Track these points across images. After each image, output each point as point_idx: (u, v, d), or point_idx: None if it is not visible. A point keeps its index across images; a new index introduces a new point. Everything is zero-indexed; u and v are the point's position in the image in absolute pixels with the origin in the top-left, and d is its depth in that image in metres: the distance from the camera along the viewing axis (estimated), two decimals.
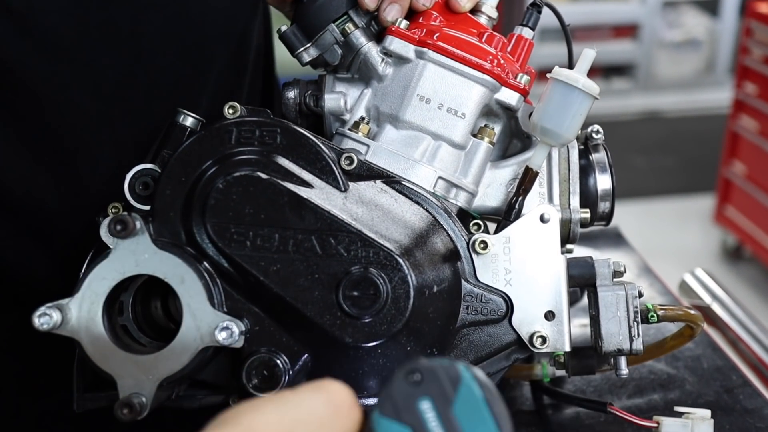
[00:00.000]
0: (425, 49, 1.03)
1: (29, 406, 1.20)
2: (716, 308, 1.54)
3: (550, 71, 1.01)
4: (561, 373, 1.13)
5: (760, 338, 1.47)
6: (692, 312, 1.07)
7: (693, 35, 6.17)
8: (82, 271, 0.95)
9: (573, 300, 1.19)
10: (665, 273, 1.60)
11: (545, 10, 1.11)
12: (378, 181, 0.98)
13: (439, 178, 1.02)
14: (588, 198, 1.09)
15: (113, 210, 1.01)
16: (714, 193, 4.45)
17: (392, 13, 1.04)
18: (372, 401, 0.98)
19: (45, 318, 0.88)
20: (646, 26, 6.01)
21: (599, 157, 1.11)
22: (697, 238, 4.57)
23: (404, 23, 1.04)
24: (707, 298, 1.57)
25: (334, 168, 0.97)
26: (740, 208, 4.17)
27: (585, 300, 1.20)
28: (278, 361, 0.94)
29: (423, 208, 0.99)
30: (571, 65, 1.09)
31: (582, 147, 1.11)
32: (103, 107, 1.20)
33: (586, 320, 1.10)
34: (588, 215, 1.08)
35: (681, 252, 4.32)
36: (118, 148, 1.23)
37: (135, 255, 0.91)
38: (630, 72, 6.17)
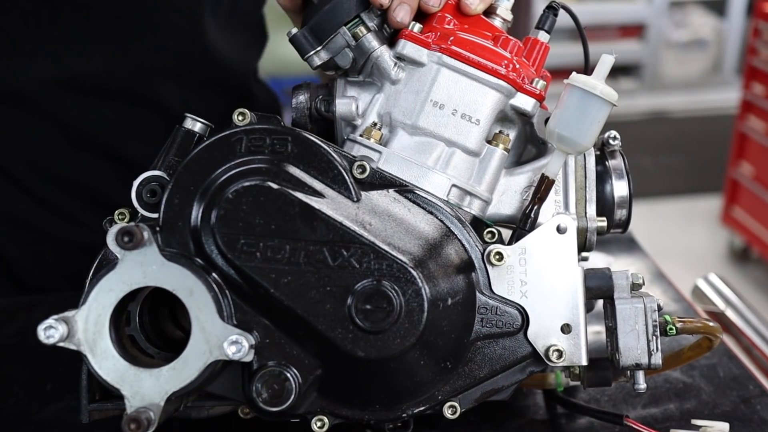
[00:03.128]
0: (439, 54, 1.01)
1: (37, 412, 1.19)
2: (730, 314, 1.52)
3: (560, 72, 0.99)
4: (575, 382, 1.11)
5: None
6: (711, 324, 1.04)
7: (700, 35, 6.15)
8: (88, 281, 0.93)
9: (587, 308, 1.17)
10: (672, 274, 1.58)
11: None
12: (391, 190, 0.97)
13: (453, 185, 1.00)
14: (605, 205, 1.07)
15: (120, 216, 0.99)
16: (721, 194, 4.43)
17: (401, 14, 1.02)
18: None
19: (51, 331, 0.86)
20: (652, 26, 6.00)
21: (616, 163, 1.08)
22: (704, 240, 4.55)
23: (417, 27, 1.02)
24: (721, 304, 1.55)
25: (346, 177, 0.95)
26: (747, 209, 4.16)
27: (598, 306, 1.18)
28: (288, 375, 0.92)
29: (436, 217, 0.97)
30: (587, 69, 1.07)
31: (598, 153, 1.09)
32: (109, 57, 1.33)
33: (600, 327, 1.08)
34: (605, 223, 1.06)
35: (688, 253, 4.30)
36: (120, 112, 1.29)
37: (142, 266, 0.89)
38: (636, 72, 6.15)
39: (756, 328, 1.50)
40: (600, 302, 1.11)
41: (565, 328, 0.97)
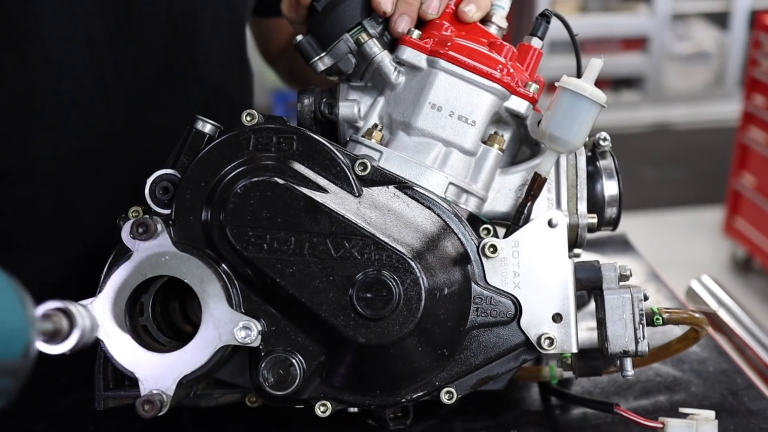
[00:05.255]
0: (437, 59, 1.06)
1: (52, 403, 1.23)
2: (722, 314, 1.57)
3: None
4: (569, 374, 1.16)
5: (766, 344, 1.49)
6: (697, 315, 1.09)
7: (702, 48, 6.19)
8: (104, 271, 0.98)
9: (581, 303, 1.22)
10: (675, 285, 1.63)
11: (556, 22, 1.14)
12: (391, 187, 1.01)
13: (450, 183, 1.05)
14: (595, 203, 1.12)
15: (134, 213, 1.04)
16: (723, 205, 4.46)
17: (402, 25, 1.07)
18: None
19: None
20: (655, 39, 6.03)
21: (606, 163, 1.13)
22: (706, 250, 4.58)
23: (416, 33, 1.07)
24: (713, 304, 1.60)
25: (349, 173, 1.00)
26: (750, 220, 4.18)
27: (593, 304, 1.23)
28: (294, 361, 0.97)
29: (434, 212, 1.01)
30: (579, 75, 1.12)
31: (590, 154, 1.14)
32: (95, 61, 1.29)
33: (594, 324, 1.13)
34: (595, 220, 1.10)
35: (691, 264, 4.33)
36: (109, 112, 1.30)
37: (156, 256, 0.94)
38: (639, 84, 6.19)
39: (747, 327, 1.54)
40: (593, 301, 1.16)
41: (557, 318, 1.01)
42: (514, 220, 1.05)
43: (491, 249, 1.01)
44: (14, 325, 0.58)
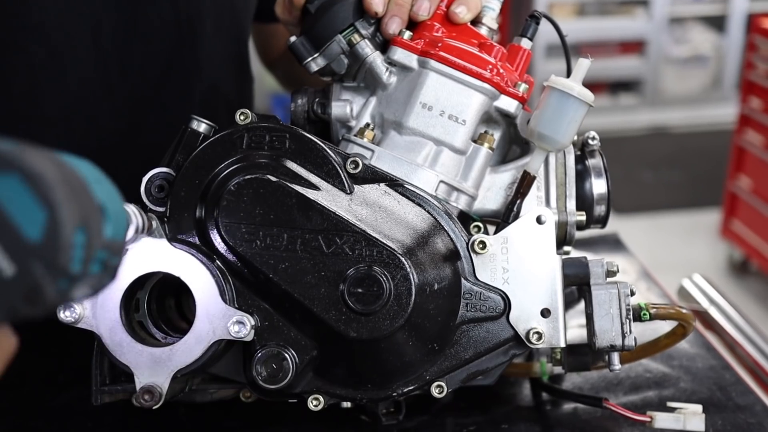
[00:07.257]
0: (428, 59, 1.08)
1: (51, 400, 1.25)
2: (713, 312, 1.58)
3: None
4: (559, 370, 1.18)
5: (755, 341, 1.51)
6: (683, 311, 1.11)
7: (700, 51, 6.21)
8: None
9: (570, 300, 1.24)
10: (671, 286, 1.64)
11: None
12: (382, 185, 1.03)
13: (441, 181, 1.06)
14: (584, 201, 1.14)
15: None
16: (720, 208, 4.48)
17: (393, 26, 1.09)
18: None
19: (69, 311, 0.94)
20: (652, 42, 6.05)
21: (595, 162, 1.15)
22: (703, 252, 4.60)
23: (407, 34, 1.09)
24: (705, 303, 1.61)
25: (340, 171, 1.02)
26: (746, 222, 4.20)
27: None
28: (286, 355, 0.98)
29: (425, 210, 1.03)
30: (569, 74, 1.14)
31: (578, 153, 1.16)
32: (100, 60, 1.31)
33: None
34: (584, 218, 1.12)
35: (688, 266, 4.30)
36: (114, 112, 1.32)
37: (151, 252, 0.96)
38: (637, 88, 6.20)
39: (738, 325, 1.56)
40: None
41: (545, 312, 1.03)
42: (504, 217, 1.07)
43: (480, 245, 1.03)
44: (120, 209, 0.67)
